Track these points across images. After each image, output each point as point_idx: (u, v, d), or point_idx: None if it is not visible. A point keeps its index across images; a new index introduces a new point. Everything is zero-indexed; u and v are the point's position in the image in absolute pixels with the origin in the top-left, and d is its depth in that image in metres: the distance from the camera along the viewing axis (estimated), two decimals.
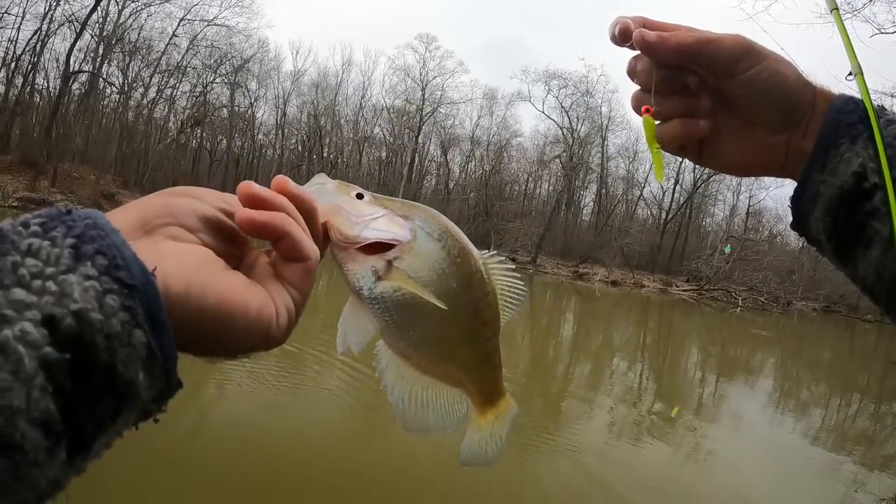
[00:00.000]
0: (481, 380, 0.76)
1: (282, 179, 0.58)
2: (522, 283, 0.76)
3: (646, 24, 0.75)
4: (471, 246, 0.71)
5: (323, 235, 0.64)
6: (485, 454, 0.78)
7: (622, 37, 0.76)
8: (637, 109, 0.80)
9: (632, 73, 0.80)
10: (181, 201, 0.53)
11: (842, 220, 0.70)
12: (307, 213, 0.59)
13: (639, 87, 0.80)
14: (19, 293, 0.36)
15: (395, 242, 0.67)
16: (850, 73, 0.79)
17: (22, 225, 0.41)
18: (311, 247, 0.58)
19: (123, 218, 0.49)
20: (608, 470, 5.97)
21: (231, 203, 0.56)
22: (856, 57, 0.79)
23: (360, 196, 0.69)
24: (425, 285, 0.67)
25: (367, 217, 0.67)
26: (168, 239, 0.50)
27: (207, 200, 0.55)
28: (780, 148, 0.76)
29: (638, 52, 0.77)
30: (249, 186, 0.55)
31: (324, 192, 0.68)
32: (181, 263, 0.48)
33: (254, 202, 0.55)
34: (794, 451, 7.98)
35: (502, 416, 0.78)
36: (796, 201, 0.75)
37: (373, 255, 0.66)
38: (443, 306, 0.67)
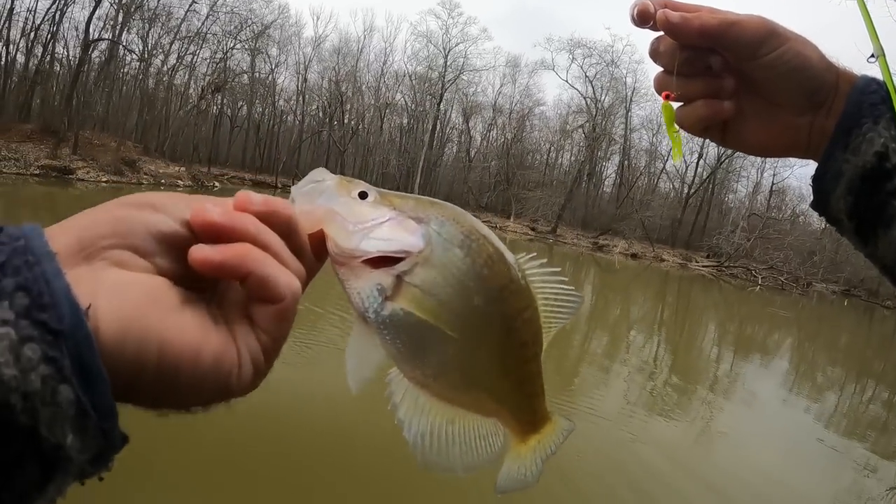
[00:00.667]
0: (519, 408, 0.64)
1: (243, 196, 0.48)
2: (574, 290, 0.65)
3: (668, 4, 0.73)
4: (503, 250, 0.60)
5: (320, 247, 0.55)
6: (524, 479, 0.66)
7: (641, 18, 0.74)
8: (660, 92, 0.78)
9: (654, 55, 0.79)
10: (135, 215, 0.43)
11: (863, 199, 0.70)
12: (283, 229, 0.49)
13: (661, 69, 0.79)
14: None
15: (402, 255, 0.56)
16: (873, 56, 0.79)
17: None
18: (284, 284, 0.47)
19: (63, 237, 0.40)
20: (621, 439, 5.99)
21: None
22: (878, 39, 0.79)
23: (363, 195, 0.58)
24: (443, 303, 0.56)
25: (368, 224, 0.56)
26: (112, 266, 0.41)
27: (170, 212, 0.45)
28: (803, 129, 0.75)
29: (660, 33, 0.76)
30: (203, 213, 0.45)
31: (321, 191, 0.57)
32: (120, 300, 0.39)
33: (211, 233, 0.45)
34: (805, 433, 7.96)
35: (546, 438, 0.67)
36: (818, 180, 0.75)
37: (378, 268, 0.56)
38: (457, 336, 0.57)
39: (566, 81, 51.71)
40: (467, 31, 53.32)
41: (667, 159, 53.39)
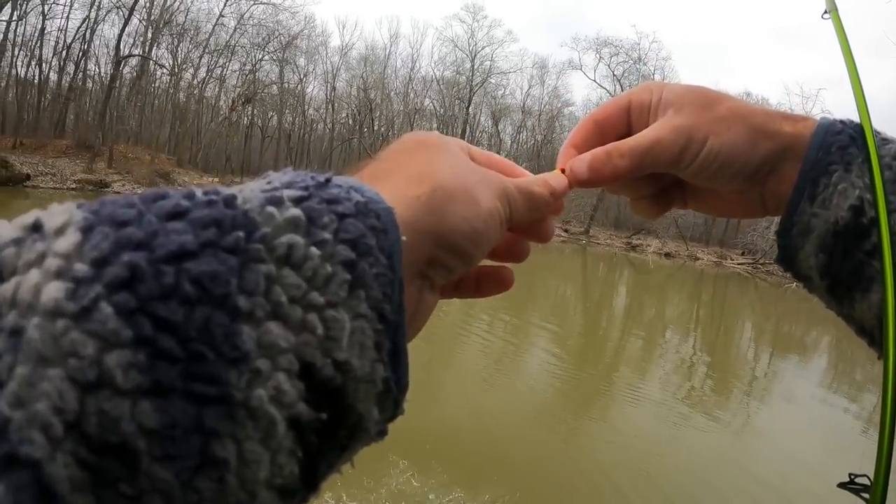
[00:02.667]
0: None
1: None
2: None
3: (574, 143, 0.66)
4: None
5: None
6: None
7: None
8: None
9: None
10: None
11: (837, 259, 0.61)
12: None
13: None
14: (275, 331, 0.28)
15: None
16: (826, 12, 0.71)
17: (270, 200, 0.31)
18: None
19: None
20: (659, 440, 5.94)
21: None
22: None
23: None
24: None
25: None
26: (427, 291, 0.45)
27: None
28: (755, 199, 0.66)
29: None
30: None
31: None
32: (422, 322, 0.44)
33: None
34: (846, 432, 7.72)
35: None
36: (784, 235, 0.63)
37: None
38: None
39: (594, 81, 51.40)
40: (493, 33, 53.53)
41: None
